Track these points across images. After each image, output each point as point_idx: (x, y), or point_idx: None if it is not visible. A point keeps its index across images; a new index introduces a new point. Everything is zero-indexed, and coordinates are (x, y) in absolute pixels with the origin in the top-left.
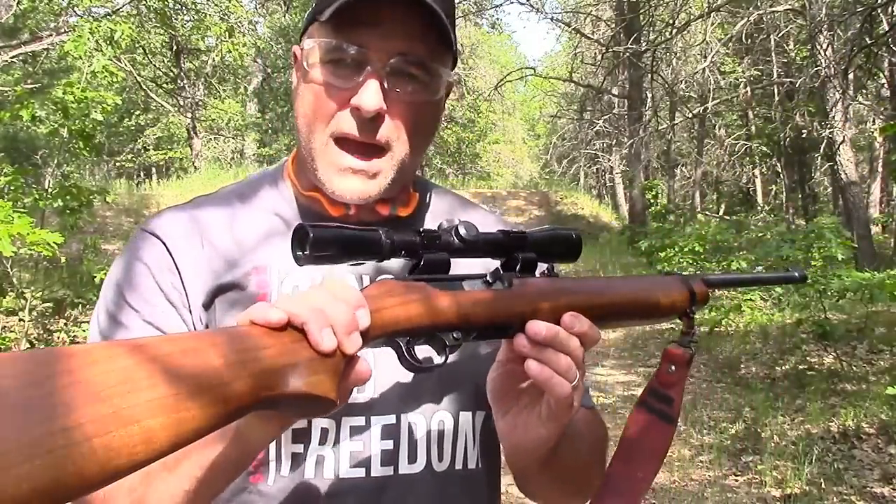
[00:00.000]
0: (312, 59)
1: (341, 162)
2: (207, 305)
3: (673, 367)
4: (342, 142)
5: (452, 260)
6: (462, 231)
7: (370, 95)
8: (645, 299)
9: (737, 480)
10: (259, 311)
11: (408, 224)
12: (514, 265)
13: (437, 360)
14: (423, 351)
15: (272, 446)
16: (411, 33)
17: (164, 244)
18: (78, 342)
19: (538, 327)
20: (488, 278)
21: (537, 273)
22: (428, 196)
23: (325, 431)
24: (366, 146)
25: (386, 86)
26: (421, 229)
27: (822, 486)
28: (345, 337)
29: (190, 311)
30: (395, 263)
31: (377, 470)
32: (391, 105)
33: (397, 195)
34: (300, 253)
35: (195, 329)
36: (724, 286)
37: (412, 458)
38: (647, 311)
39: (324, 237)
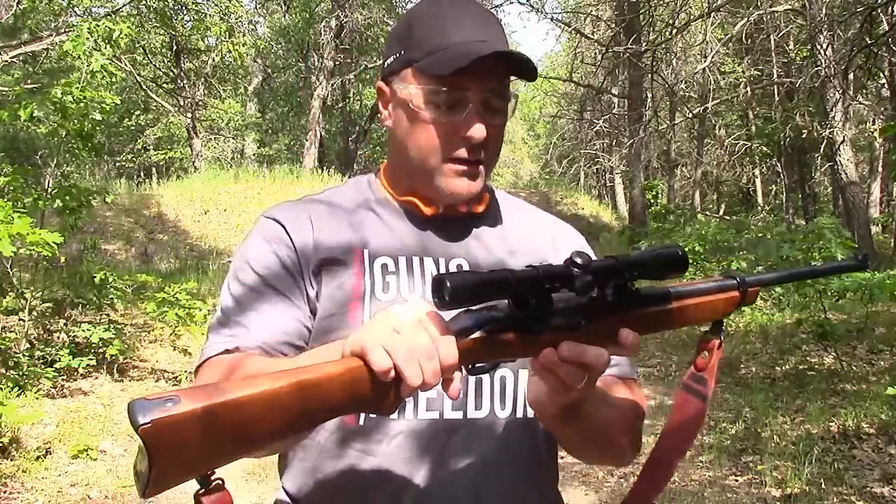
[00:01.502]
0: (418, 101)
1: (456, 170)
2: (316, 274)
3: (706, 353)
4: (455, 159)
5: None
6: (579, 261)
7: (479, 129)
8: (706, 306)
9: (737, 480)
10: (375, 359)
11: (483, 218)
12: (610, 289)
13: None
14: None
15: None
16: (496, 73)
17: (283, 226)
18: (78, 342)
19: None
20: (582, 320)
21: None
22: (494, 196)
23: None
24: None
25: (482, 117)
26: (539, 265)
27: (822, 486)
28: (426, 388)
29: (302, 277)
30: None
31: (448, 413)
32: (486, 129)
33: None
34: (438, 300)
35: (306, 291)
36: (778, 283)
37: (478, 406)
38: (707, 316)
39: (461, 286)
